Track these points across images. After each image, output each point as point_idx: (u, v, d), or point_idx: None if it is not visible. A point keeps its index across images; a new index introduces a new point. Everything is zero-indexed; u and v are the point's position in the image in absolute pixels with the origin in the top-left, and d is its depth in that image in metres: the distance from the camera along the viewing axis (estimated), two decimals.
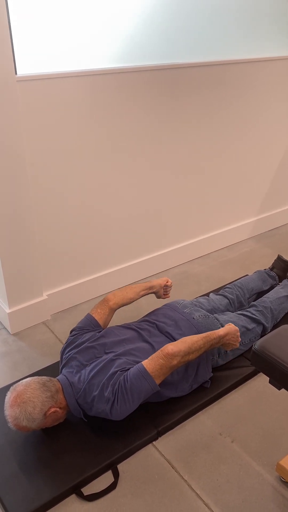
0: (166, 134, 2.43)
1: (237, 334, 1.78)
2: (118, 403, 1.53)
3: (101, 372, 1.60)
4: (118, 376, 1.56)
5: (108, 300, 1.91)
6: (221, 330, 1.75)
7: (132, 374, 1.56)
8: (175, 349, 1.59)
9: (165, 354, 1.58)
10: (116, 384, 1.54)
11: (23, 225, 2.08)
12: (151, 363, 1.57)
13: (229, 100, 2.62)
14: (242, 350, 1.98)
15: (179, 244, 2.79)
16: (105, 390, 1.54)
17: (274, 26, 2.67)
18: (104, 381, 1.56)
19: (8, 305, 2.20)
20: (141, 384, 1.54)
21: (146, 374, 1.55)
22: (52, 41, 1.93)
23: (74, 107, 2.05)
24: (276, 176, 3.15)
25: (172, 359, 1.58)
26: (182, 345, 1.61)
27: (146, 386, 1.55)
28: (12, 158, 1.93)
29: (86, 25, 1.99)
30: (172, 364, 1.59)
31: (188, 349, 1.62)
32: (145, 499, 1.46)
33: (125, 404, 1.53)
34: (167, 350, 1.58)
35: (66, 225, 2.26)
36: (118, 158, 2.30)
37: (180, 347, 1.60)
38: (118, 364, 1.62)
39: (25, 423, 1.49)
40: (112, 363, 1.63)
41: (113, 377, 1.56)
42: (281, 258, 2.46)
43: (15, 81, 1.82)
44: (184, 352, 1.61)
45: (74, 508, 1.45)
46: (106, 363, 1.63)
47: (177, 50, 2.32)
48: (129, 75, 2.16)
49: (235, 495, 1.47)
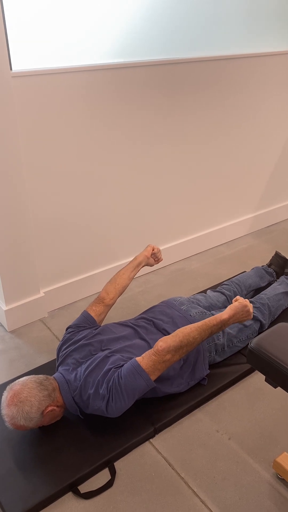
0: (163, 130, 2.42)
1: (246, 308, 1.66)
2: (113, 400, 1.53)
3: (96, 369, 1.60)
4: (113, 373, 1.56)
5: (102, 298, 1.90)
6: (224, 313, 1.64)
7: (126, 370, 1.55)
8: (164, 345, 1.55)
9: (156, 350, 1.56)
10: (111, 381, 1.54)
11: (20, 222, 2.07)
12: (145, 359, 1.56)
13: (228, 96, 2.60)
14: (239, 347, 1.98)
15: (176, 241, 2.79)
16: (100, 387, 1.54)
17: (274, 21, 2.65)
18: (99, 378, 1.56)
19: (5, 303, 2.19)
20: (135, 381, 1.53)
21: (141, 370, 1.53)
22: (48, 36, 1.91)
23: (70, 103, 2.04)
24: (274, 172, 3.14)
25: (163, 355, 1.55)
26: (172, 340, 1.57)
27: (140, 383, 1.53)
28: (8, 154, 1.92)
29: (83, 20, 1.97)
30: (165, 359, 1.56)
31: (179, 343, 1.57)
32: (142, 496, 1.46)
33: (120, 401, 1.53)
34: (157, 347, 1.56)
35: (63, 222, 2.25)
36: (115, 155, 2.29)
37: (169, 343, 1.56)
38: (112, 360, 1.61)
39: (22, 422, 1.49)
40: (107, 360, 1.62)
41: (107, 374, 1.56)
42: (278, 254, 2.45)
43: (10, 77, 1.80)
44: (175, 347, 1.56)
45: (70, 505, 1.45)
46: (100, 360, 1.62)
47: (175, 46, 2.30)
48: (125, 71, 2.14)
49: (232, 492, 1.47)
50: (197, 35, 2.36)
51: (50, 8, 1.87)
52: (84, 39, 2.00)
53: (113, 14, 2.04)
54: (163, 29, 2.23)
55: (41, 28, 1.88)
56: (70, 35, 1.96)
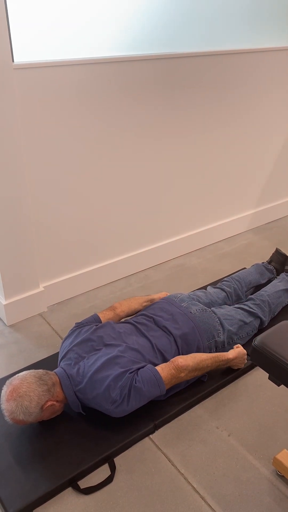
0: (164, 125, 2.40)
1: (244, 357, 1.85)
2: (128, 405, 1.55)
3: (104, 369, 1.58)
4: (128, 379, 1.56)
5: (114, 307, 1.97)
6: (230, 353, 1.82)
7: (147, 379, 1.58)
8: (184, 363, 1.65)
9: (175, 365, 1.64)
10: (126, 388, 1.55)
11: (20, 216, 2.05)
12: (164, 372, 1.63)
13: (229, 91, 2.59)
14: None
15: (176, 237, 2.78)
16: (112, 391, 1.54)
17: (278, 16, 2.63)
18: (110, 382, 1.54)
19: (4, 297, 2.18)
20: (155, 391, 1.60)
21: (161, 382, 1.60)
22: (51, 28, 1.89)
23: (72, 96, 2.02)
24: (275, 168, 3.13)
25: (181, 371, 1.65)
26: (191, 360, 1.68)
27: (157, 393, 1.61)
28: (8, 147, 1.90)
29: (85, 13, 1.95)
30: (180, 376, 1.66)
31: (196, 365, 1.69)
32: (142, 492, 1.46)
33: (131, 406, 1.57)
34: (177, 362, 1.65)
35: (63, 216, 2.24)
36: (116, 149, 2.27)
37: (189, 362, 1.67)
38: (122, 363, 1.61)
39: (21, 417, 1.48)
40: (116, 360, 1.61)
41: (121, 378, 1.55)
42: (279, 251, 2.45)
43: (12, 69, 1.78)
44: (192, 368, 1.67)
45: (70, 501, 1.44)
46: (109, 359, 1.61)
47: (179, 40, 2.28)
48: (127, 64, 2.12)
49: (231, 488, 1.47)
50: (201, 30, 2.34)
51: (53, 0, 1.84)
52: (87, 31, 1.98)
53: (116, 8, 2.01)
54: (167, 24, 2.20)
55: (44, 21, 1.86)
56: (73, 27, 1.94)
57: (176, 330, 1.82)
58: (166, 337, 1.80)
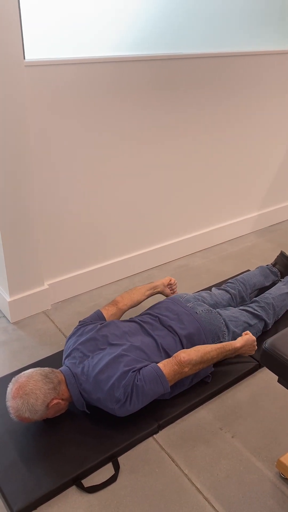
0: (168, 126, 2.40)
1: (254, 343, 1.81)
2: (131, 404, 1.55)
3: (107, 369, 1.58)
4: (131, 378, 1.55)
5: (117, 302, 1.96)
6: (237, 341, 1.78)
7: (149, 376, 1.57)
8: (187, 358, 1.63)
9: (178, 361, 1.63)
10: (129, 387, 1.54)
11: (25, 214, 2.05)
12: (166, 368, 1.61)
13: (233, 93, 2.59)
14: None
15: (180, 237, 2.78)
16: (116, 390, 1.53)
17: (279, 20, 2.63)
18: (114, 381, 1.54)
19: (8, 294, 2.18)
20: (157, 388, 1.59)
21: (164, 378, 1.59)
22: (62, 27, 1.89)
23: (81, 94, 2.02)
24: (279, 171, 3.13)
25: (184, 366, 1.63)
26: (195, 354, 1.66)
27: (160, 390, 1.60)
28: (17, 144, 1.89)
29: (98, 12, 1.95)
30: (183, 371, 1.64)
31: (200, 359, 1.66)
32: (146, 492, 1.46)
33: (135, 405, 1.56)
34: (179, 358, 1.63)
35: (68, 215, 2.24)
36: (122, 149, 2.27)
37: (192, 356, 1.65)
38: (126, 362, 1.60)
39: (27, 415, 1.48)
40: (120, 359, 1.61)
41: (124, 377, 1.55)
42: (284, 254, 2.45)
43: (23, 66, 1.78)
44: (196, 361, 1.65)
45: (74, 499, 1.44)
46: (112, 358, 1.61)
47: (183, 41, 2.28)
48: (130, 64, 2.12)
49: (235, 490, 1.48)
50: (205, 31, 2.34)
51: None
52: (99, 31, 1.98)
53: (127, 8, 2.01)
54: (170, 26, 2.20)
55: (56, 19, 1.86)
56: (84, 26, 1.93)
57: (181, 330, 1.82)
58: (172, 336, 1.80)
